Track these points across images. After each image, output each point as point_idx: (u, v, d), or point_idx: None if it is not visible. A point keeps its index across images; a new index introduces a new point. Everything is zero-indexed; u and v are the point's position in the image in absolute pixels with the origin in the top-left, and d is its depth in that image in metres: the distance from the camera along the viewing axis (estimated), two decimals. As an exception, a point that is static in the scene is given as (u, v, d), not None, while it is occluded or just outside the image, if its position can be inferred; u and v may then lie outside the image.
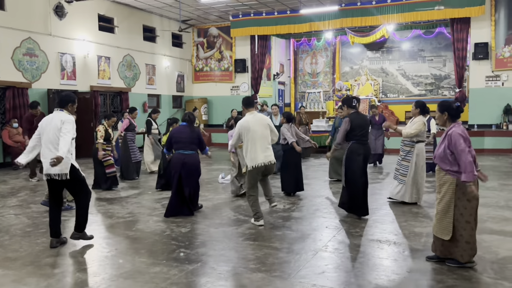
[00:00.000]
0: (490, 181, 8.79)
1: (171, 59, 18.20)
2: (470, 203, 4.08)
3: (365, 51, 20.20)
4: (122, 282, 3.93)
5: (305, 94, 21.41)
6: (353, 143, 6.08)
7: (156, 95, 17.51)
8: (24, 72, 12.15)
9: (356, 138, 6.06)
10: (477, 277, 3.96)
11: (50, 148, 4.80)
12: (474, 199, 4.05)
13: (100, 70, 14.70)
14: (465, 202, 4.08)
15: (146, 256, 4.63)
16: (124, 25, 15.70)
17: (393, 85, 19.81)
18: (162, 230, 5.63)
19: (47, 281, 3.96)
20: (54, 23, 12.98)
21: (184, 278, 4.01)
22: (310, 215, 6.37)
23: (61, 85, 13.17)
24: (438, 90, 19.03)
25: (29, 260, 4.54)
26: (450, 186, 4.14)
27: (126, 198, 7.72)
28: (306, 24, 16.53)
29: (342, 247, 4.91)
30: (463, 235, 4.09)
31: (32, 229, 5.72)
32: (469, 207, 4.08)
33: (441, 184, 4.22)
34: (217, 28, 18.88)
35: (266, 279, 3.97)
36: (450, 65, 17.82)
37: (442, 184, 4.21)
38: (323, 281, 3.92)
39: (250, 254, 4.65)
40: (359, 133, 6.06)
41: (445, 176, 4.19)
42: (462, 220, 4.09)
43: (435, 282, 3.84)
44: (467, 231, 4.08)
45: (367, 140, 6.22)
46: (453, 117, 4.27)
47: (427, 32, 18.47)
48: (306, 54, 21.56)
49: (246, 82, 18.35)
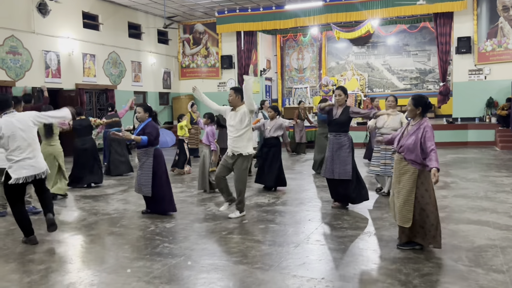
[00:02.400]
0: (471, 173, 9.00)
1: (157, 56, 18.15)
2: (428, 192, 4.34)
3: (351, 46, 20.35)
4: (105, 277, 3.98)
5: (292, 90, 21.52)
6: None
7: (142, 92, 17.46)
8: (7, 71, 12.05)
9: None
10: (452, 265, 4.08)
11: (32, 149, 4.85)
12: (433, 186, 4.36)
13: (85, 67, 14.62)
14: (423, 191, 4.34)
15: (130, 251, 4.68)
16: (109, 22, 15.62)
17: (379, 79, 19.99)
18: (146, 226, 5.67)
19: (30, 277, 4.00)
20: (37, 21, 12.87)
21: (167, 272, 4.07)
22: (293, 209, 6.46)
23: (45, 83, 13.06)
24: (423, 84, 19.26)
25: (12, 257, 4.56)
26: (412, 175, 4.36)
27: (112, 195, 7.74)
28: (292, 19, 16.62)
29: (324, 239, 5.00)
30: (428, 221, 4.35)
31: (15, 227, 5.68)
32: (427, 196, 4.35)
33: (402, 173, 4.42)
34: (202, 25, 18.86)
35: (247, 271, 4.04)
36: (435, 59, 18.03)
37: (403, 173, 4.41)
38: (303, 272, 4.00)
39: (232, 248, 4.72)
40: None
41: (407, 165, 4.38)
42: (427, 208, 4.35)
43: (412, 271, 3.95)
44: (431, 218, 4.35)
45: None
46: (424, 112, 4.48)
47: (412, 26, 18.66)
48: (292, 49, 21.65)
49: (233, 78, 18.38)
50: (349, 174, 6.10)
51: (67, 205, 7.09)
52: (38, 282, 3.89)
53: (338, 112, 6.17)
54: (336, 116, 6.17)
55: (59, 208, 6.76)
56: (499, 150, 12.77)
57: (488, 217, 5.66)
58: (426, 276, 3.83)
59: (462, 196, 6.93)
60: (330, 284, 3.72)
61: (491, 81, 14.63)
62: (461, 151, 12.87)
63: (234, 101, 5.88)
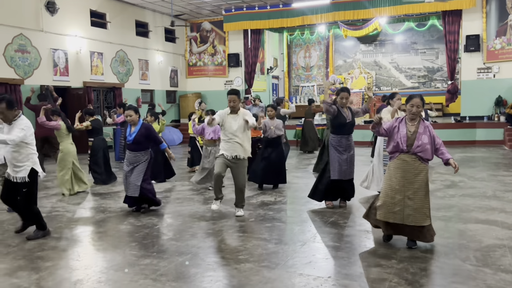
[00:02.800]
0: (479, 172, 8.94)
1: (164, 54, 18.20)
2: (427, 186, 4.47)
3: (358, 44, 20.28)
4: (112, 274, 4.00)
5: (299, 88, 21.48)
6: None
7: (149, 90, 17.52)
8: (16, 69, 12.15)
9: None
10: (459, 265, 4.05)
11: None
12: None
13: (93, 65, 14.70)
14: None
15: (137, 249, 4.70)
16: (116, 21, 15.68)
17: (386, 78, 19.90)
18: (153, 224, 5.70)
19: (39, 274, 4.03)
20: (45, 19, 12.96)
21: (174, 270, 4.08)
22: (300, 207, 6.46)
23: (54, 81, 13.18)
24: (431, 83, 19.15)
25: (21, 254, 4.60)
26: (426, 173, 4.40)
27: (119, 193, 7.77)
28: (299, 17, 16.59)
29: (330, 237, 4.99)
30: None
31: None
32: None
33: (416, 173, 4.38)
34: (210, 23, 18.88)
35: (254, 269, 4.04)
36: (443, 58, 17.91)
37: (418, 173, 4.38)
38: (310, 270, 4.00)
39: (239, 246, 4.72)
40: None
41: (421, 165, 4.38)
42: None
43: (419, 270, 3.93)
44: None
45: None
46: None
47: (420, 25, 18.56)
48: (299, 47, 21.61)
49: (239, 76, 18.38)
50: (353, 173, 6.30)
51: (75, 202, 7.13)
52: (46, 279, 3.93)
53: (348, 114, 6.13)
54: (349, 119, 6.11)
55: (67, 206, 6.81)
56: (507, 149, 12.66)
57: (497, 217, 5.61)
58: (433, 275, 3.82)
59: (470, 196, 6.89)
60: (336, 282, 3.72)
61: (500, 80, 14.51)
62: (469, 150, 12.78)
63: (237, 105, 5.78)
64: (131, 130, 6.16)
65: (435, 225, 4.95)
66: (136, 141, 6.07)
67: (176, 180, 8.91)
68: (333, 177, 6.12)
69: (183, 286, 3.73)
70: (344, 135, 6.13)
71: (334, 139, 6.16)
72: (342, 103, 6.11)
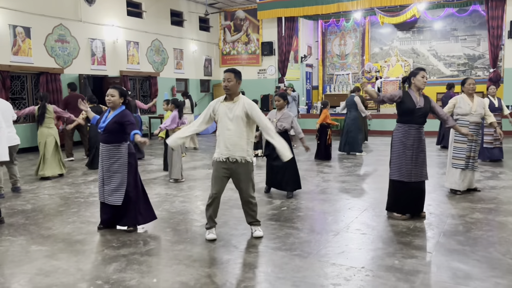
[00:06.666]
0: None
1: (199, 43, 18.29)
2: None
3: (395, 32, 19.73)
4: (146, 259, 4.08)
5: (333, 77, 21.17)
6: None
7: (184, 79, 17.70)
8: (56, 58, 12.50)
9: None
10: (499, 259, 3.91)
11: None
12: None
13: (129, 55, 14.95)
14: None
15: (171, 235, 4.78)
16: (152, 10, 15.86)
17: (424, 66, 19.28)
18: (187, 210, 5.78)
19: (77, 257, 4.16)
20: (84, 9, 13.25)
21: (207, 256, 4.13)
22: (333, 197, 6.39)
23: (91, 70, 13.50)
24: (472, 71, 18.44)
25: (61, 237, 4.76)
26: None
27: (154, 180, 7.92)
28: (334, 4, 16.25)
29: (364, 228, 4.92)
30: None
31: (64, 208, 5.97)
32: None
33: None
34: (244, 11, 18.81)
35: (286, 257, 4.04)
36: (485, 44, 17.19)
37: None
38: (342, 260, 3.96)
39: (271, 234, 4.72)
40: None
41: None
42: None
43: (456, 263, 3.82)
44: None
45: None
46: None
47: (461, 10, 17.85)
48: (334, 35, 21.24)
49: (273, 65, 18.29)
50: (427, 174, 5.28)
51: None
52: (84, 262, 4.05)
53: (420, 100, 5.07)
54: (421, 104, 5.04)
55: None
56: (553, 140, 12.09)
57: (540, 210, 5.39)
58: (471, 269, 3.70)
59: (510, 188, 6.62)
60: (370, 273, 3.66)
61: (546, 67, 13.81)
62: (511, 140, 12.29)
63: (233, 87, 4.55)
64: (107, 115, 4.89)
65: (474, 216, 4.79)
66: (108, 129, 4.76)
67: (209, 168, 8.99)
68: (402, 178, 5.14)
69: (216, 272, 3.76)
70: (411, 123, 5.07)
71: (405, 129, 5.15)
72: (421, 84, 5.06)
